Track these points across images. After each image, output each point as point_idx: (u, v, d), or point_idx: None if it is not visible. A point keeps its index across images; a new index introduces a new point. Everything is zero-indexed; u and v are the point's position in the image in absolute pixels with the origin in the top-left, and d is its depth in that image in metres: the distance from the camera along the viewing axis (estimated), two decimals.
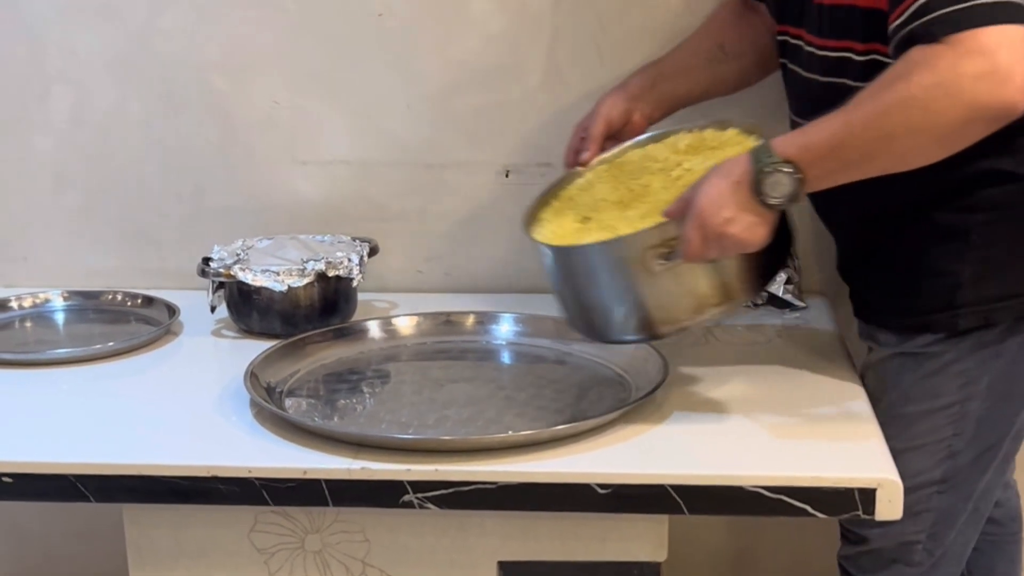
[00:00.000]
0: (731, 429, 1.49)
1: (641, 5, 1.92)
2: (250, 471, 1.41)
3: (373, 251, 1.92)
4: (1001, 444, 1.57)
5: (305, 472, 1.40)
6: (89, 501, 1.44)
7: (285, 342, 1.70)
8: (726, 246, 1.41)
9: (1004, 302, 1.51)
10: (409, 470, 1.39)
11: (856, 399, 1.56)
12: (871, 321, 1.63)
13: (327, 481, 1.40)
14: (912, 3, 1.34)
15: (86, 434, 1.52)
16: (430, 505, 1.39)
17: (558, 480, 1.38)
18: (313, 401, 1.61)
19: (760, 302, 1.89)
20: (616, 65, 1.90)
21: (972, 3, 1.30)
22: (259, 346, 1.78)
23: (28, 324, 1.95)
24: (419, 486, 1.39)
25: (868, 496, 1.35)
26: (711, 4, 1.85)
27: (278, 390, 1.61)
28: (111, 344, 1.79)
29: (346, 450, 1.43)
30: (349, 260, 1.85)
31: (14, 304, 1.97)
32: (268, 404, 1.52)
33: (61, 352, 1.78)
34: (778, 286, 1.89)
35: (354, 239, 1.94)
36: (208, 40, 2.01)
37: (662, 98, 1.74)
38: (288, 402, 1.59)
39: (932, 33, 1.31)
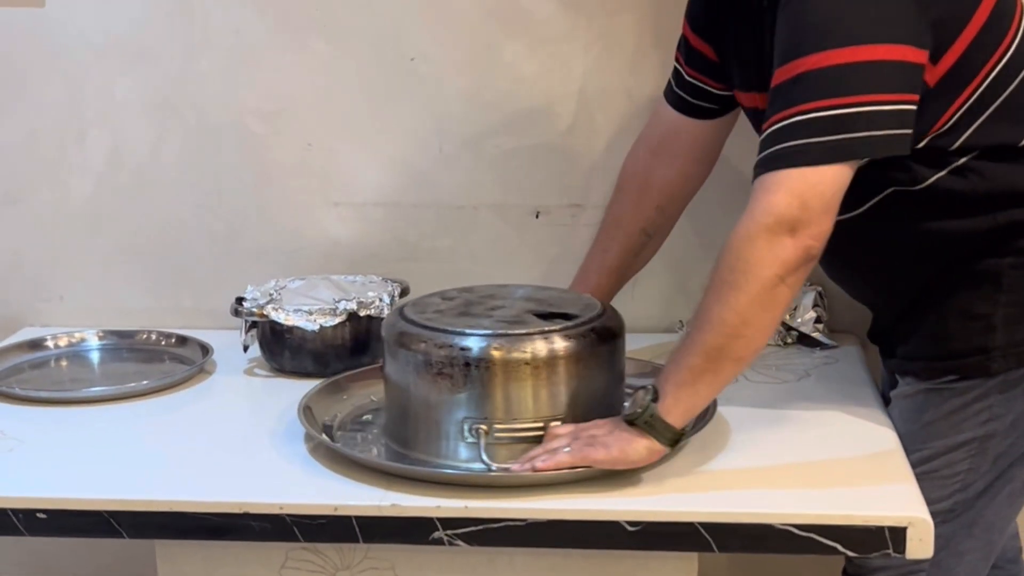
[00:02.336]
0: (761, 467, 1.49)
1: (669, 48, 1.93)
2: (281, 508, 1.42)
3: (404, 291, 1.93)
4: (1010, 474, 1.57)
5: (336, 509, 1.41)
6: (123, 537, 1.45)
7: (332, 380, 1.72)
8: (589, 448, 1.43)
9: None
10: (439, 506, 1.40)
11: (886, 437, 1.56)
12: (903, 371, 1.63)
13: (357, 518, 1.41)
14: (764, 131, 1.42)
15: (120, 471, 1.54)
16: (460, 542, 1.40)
17: (588, 517, 1.39)
18: (359, 435, 1.63)
19: None
20: (645, 107, 1.92)
21: (781, 146, 1.39)
22: (290, 384, 1.80)
23: (64, 363, 1.97)
24: (449, 523, 1.39)
25: (898, 535, 1.34)
26: None
27: (327, 425, 1.62)
28: (145, 383, 1.81)
29: (377, 486, 1.44)
30: (380, 300, 1.86)
31: (50, 343, 2.00)
32: (321, 437, 1.54)
33: (96, 391, 1.80)
34: (808, 325, 1.90)
35: (385, 279, 1.96)
36: (244, 84, 2.04)
37: (610, 294, 1.79)
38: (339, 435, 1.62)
39: (757, 172, 1.41)
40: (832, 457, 1.52)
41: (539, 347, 1.47)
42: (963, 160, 1.49)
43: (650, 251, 1.84)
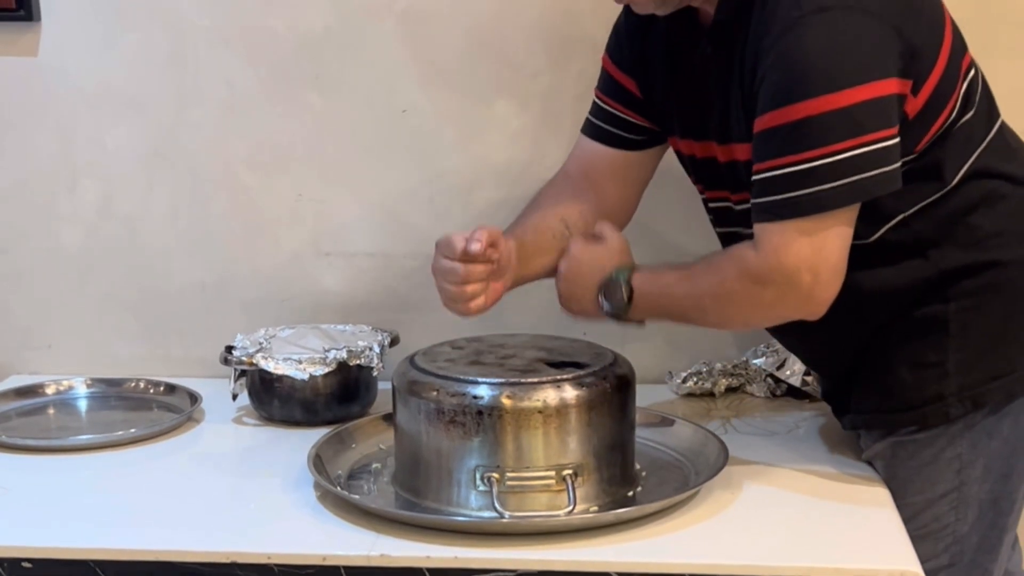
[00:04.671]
0: (751, 518, 1.49)
1: None
2: (269, 557, 1.42)
3: (394, 341, 1.93)
4: (1006, 524, 1.56)
5: (324, 559, 1.41)
6: None
7: (339, 429, 1.72)
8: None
9: (991, 384, 1.52)
10: (428, 557, 1.39)
11: (876, 490, 1.56)
12: (860, 425, 1.63)
13: (346, 568, 1.40)
14: (759, 173, 1.44)
15: (106, 520, 1.53)
16: None
17: (577, 568, 1.38)
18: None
19: None
20: None
21: (796, 193, 1.41)
22: (279, 433, 1.80)
23: (51, 411, 1.96)
24: (438, 573, 1.39)
25: None
26: None
27: (337, 473, 1.63)
28: (133, 431, 1.80)
29: (367, 535, 1.44)
30: (371, 350, 1.86)
31: (38, 391, 1.99)
32: (333, 487, 1.54)
33: (83, 438, 1.80)
34: (797, 378, 1.90)
35: (375, 329, 1.96)
36: (235, 134, 2.05)
37: (518, 278, 1.68)
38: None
39: (762, 217, 1.45)
40: (822, 509, 1.52)
41: (550, 395, 1.48)
42: (903, 215, 1.50)
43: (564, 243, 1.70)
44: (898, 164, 1.42)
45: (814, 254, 1.42)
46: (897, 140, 1.41)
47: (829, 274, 1.44)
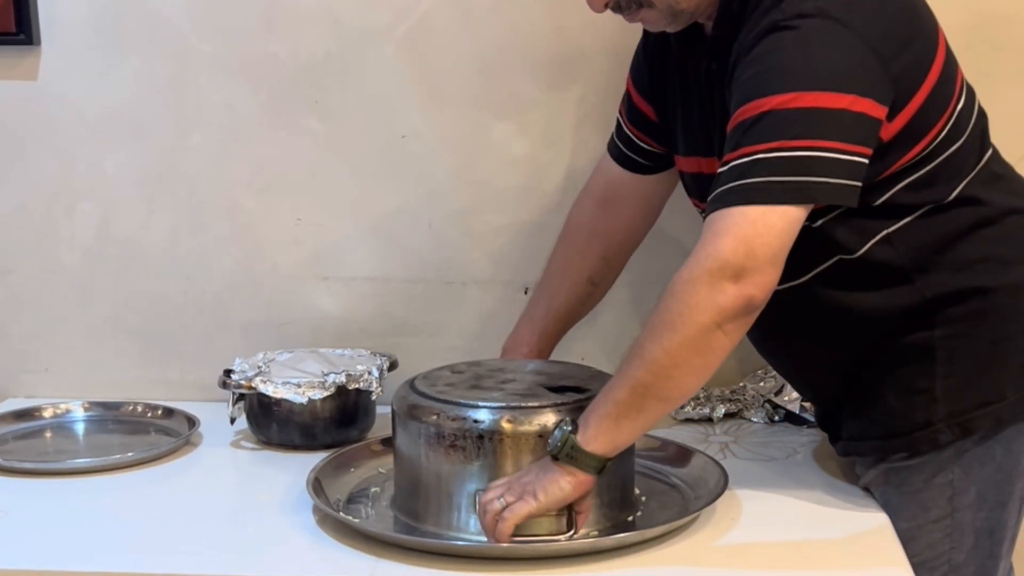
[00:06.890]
0: (751, 544, 1.49)
1: None
2: None
3: (393, 365, 1.93)
4: (1000, 553, 1.56)
5: None
6: None
7: (339, 452, 1.72)
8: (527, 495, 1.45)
9: (980, 410, 1.52)
10: None
11: (875, 516, 1.56)
12: (852, 452, 1.63)
13: None
14: (723, 164, 1.42)
15: (104, 543, 1.53)
16: None
17: None
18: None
19: None
20: None
21: (745, 181, 1.38)
22: (277, 457, 1.80)
23: (48, 434, 1.96)
24: None
25: None
26: None
27: (336, 497, 1.62)
28: (130, 455, 1.80)
29: (365, 559, 1.43)
30: (369, 373, 1.86)
31: (35, 414, 1.99)
32: (332, 511, 1.54)
33: (81, 462, 1.79)
34: (795, 404, 1.90)
35: (374, 353, 1.96)
36: (235, 159, 2.05)
37: (555, 340, 1.85)
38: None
39: (710, 208, 1.41)
40: (822, 535, 1.51)
41: (550, 420, 1.48)
42: (887, 231, 1.50)
43: (595, 299, 1.87)
44: (856, 182, 1.40)
45: (754, 236, 1.37)
46: (861, 159, 1.40)
47: (765, 258, 1.37)
